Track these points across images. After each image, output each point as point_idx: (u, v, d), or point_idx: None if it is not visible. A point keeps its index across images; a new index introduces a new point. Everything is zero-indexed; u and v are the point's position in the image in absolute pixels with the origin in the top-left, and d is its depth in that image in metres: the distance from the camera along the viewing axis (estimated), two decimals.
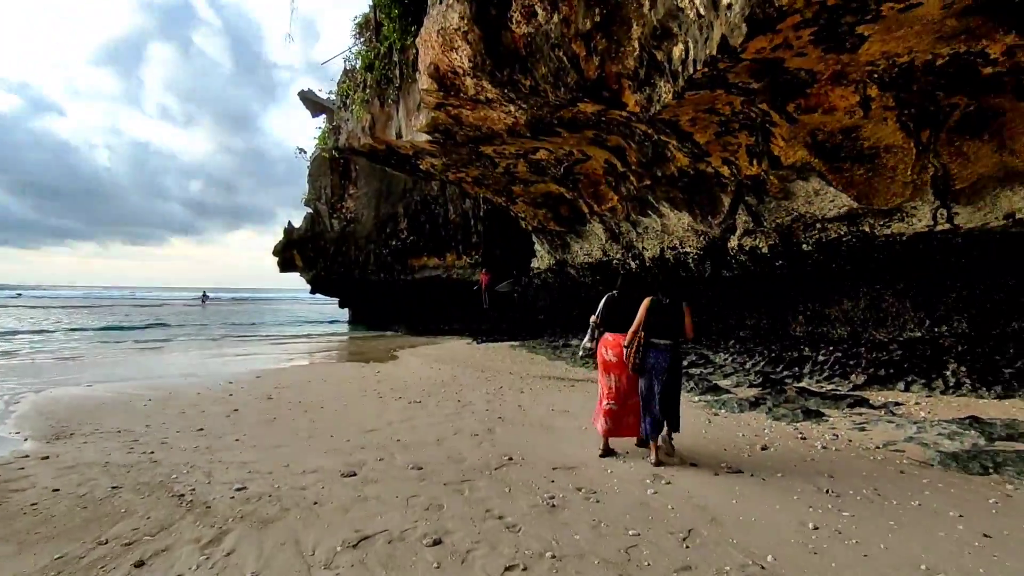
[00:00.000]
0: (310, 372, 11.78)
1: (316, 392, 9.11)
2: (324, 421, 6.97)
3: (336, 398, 8.58)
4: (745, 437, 6.10)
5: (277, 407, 7.83)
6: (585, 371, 11.96)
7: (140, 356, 14.95)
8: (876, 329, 10.23)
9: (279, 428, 6.62)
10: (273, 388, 9.45)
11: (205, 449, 5.56)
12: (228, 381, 10.13)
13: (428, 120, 12.36)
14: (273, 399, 8.45)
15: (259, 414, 7.35)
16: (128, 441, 5.92)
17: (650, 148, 10.47)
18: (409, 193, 25.77)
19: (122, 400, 8.28)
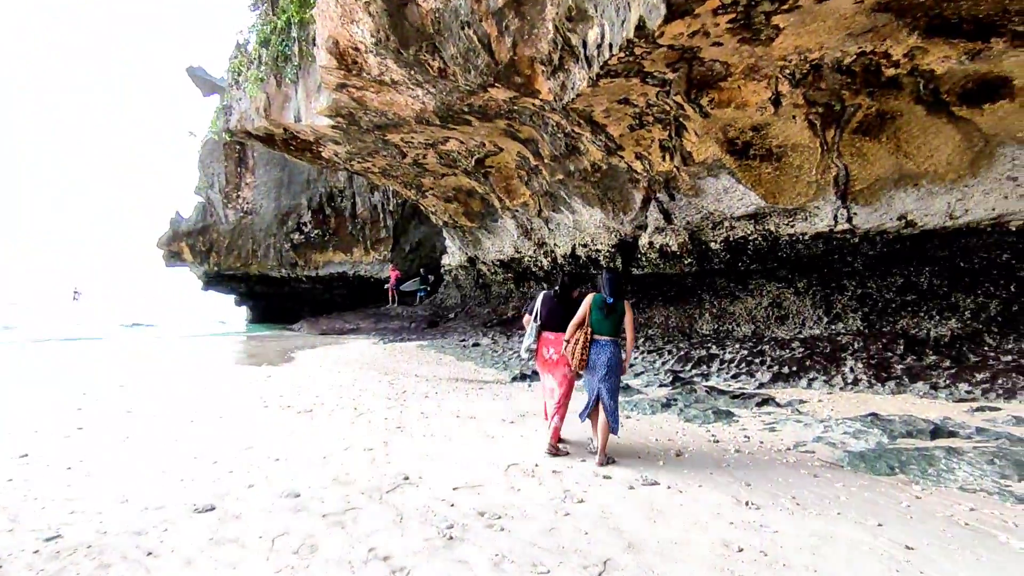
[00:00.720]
0: (186, 378, 10.46)
1: (189, 403, 7.97)
2: (191, 439, 5.97)
3: (212, 410, 7.52)
4: (659, 442, 5.81)
5: (134, 423, 6.70)
6: (495, 371, 11.47)
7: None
8: (778, 327, 10.46)
9: (130, 450, 5.57)
10: (135, 399, 8.20)
11: (22, 482, 4.48)
12: (82, 392, 8.71)
13: (329, 102, 11.38)
14: (133, 413, 7.26)
15: (109, 433, 6.21)
16: None
17: (563, 141, 10.11)
18: (313, 184, 24.22)
19: None
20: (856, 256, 8.80)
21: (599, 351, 5.07)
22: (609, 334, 5.11)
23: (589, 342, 5.08)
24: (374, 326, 21.80)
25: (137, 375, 10.79)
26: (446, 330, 19.46)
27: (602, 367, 5.04)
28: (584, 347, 5.06)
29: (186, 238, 24.39)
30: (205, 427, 6.51)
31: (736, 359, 9.36)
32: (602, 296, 5.13)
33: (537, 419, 6.87)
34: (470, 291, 22.32)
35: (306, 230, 24.70)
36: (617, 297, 5.13)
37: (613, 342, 5.11)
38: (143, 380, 10.11)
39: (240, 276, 25.65)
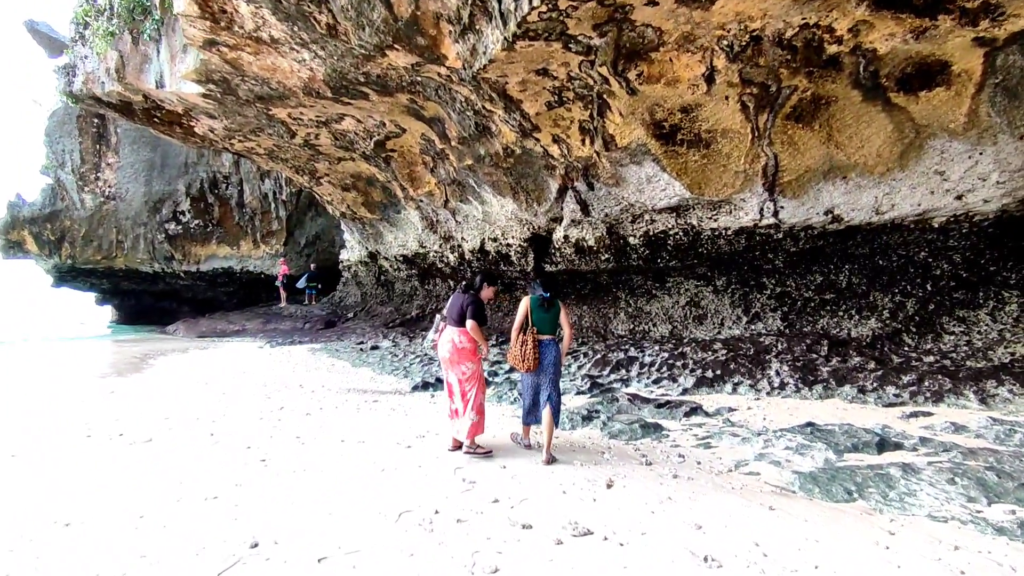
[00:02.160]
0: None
1: None
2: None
3: (10, 443, 5.74)
4: (584, 467, 4.89)
5: None
6: (394, 379, 10.18)
7: None
8: (697, 327, 9.99)
9: None
10: None
11: None
12: None
13: (197, 64, 9.58)
14: None
15: None
16: None
17: (473, 120, 9.04)
18: (193, 167, 21.50)
19: None
20: (778, 253, 8.42)
21: (544, 351, 5.13)
22: (550, 332, 5.19)
23: (536, 343, 5.08)
24: (263, 327, 19.65)
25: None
26: (343, 331, 17.79)
27: (549, 366, 5.14)
28: (535, 348, 5.06)
29: (30, 225, 20.72)
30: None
31: (657, 362, 8.71)
32: (539, 296, 5.14)
33: (439, 440, 5.76)
34: (371, 289, 20.71)
35: (184, 220, 21.91)
36: (554, 294, 5.20)
37: (553, 340, 5.21)
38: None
39: (102, 271, 22.29)
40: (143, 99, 11.80)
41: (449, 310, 5.36)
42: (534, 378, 5.19)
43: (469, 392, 5.25)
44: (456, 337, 5.22)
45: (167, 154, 20.92)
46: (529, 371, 5.14)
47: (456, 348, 5.22)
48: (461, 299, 5.28)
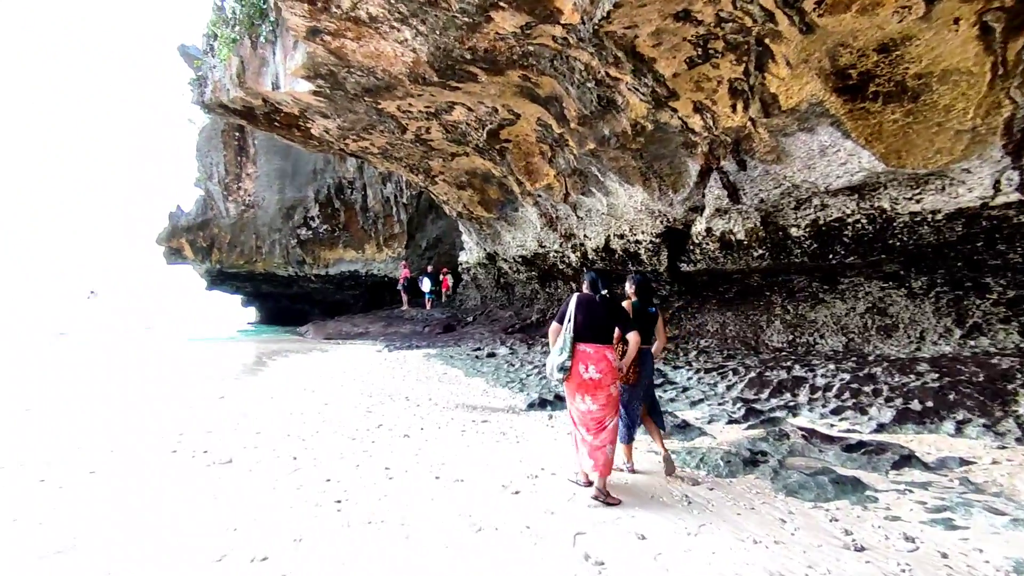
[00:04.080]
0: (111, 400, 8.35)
1: (75, 444, 5.85)
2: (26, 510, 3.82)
3: (91, 459, 5.36)
4: (760, 545, 3.40)
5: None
6: (508, 393, 9.11)
7: None
8: (882, 341, 7.84)
9: None
10: None
11: None
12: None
13: (304, 58, 9.20)
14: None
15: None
16: None
17: (595, 93, 7.70)
18: (320, 174, 22.24)
19: None
20: (1014, 243, 6.17)
21: (645, 362, 4.78)
22: (649, 343, 4.88)
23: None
24: (383, 330, 19.69)
25: (48, 395, 8.75)
26: (461, 336, 17.19)
27: (646, 378, 4.83)
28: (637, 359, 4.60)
29: (186, 234, 22.65)
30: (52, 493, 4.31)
31: (834, 386, 6.78)
32: (638, 303, 4.86)
33: (555, 484, 4.52)
34: (490, 292, 20.02)
35: (314, 225, 22.74)
36: (651, 302, 4.97)
37: (650, 350, 4.90)
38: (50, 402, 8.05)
39: (245, 275, 23.84)
40: (263, 103, 11.84)
41: (585, 323, 4.34)
42: (633, 392, 4.73)
43: (609, 421, 4.34)
44: (608, 354, 4.32)
45: (297, 162, 21.78)
46: (631, 384, 4.65)
47: (610, 368, 4.30)
48: (598, 307, 4.39)
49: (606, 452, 4.25)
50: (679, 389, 8.14)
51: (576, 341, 4.31)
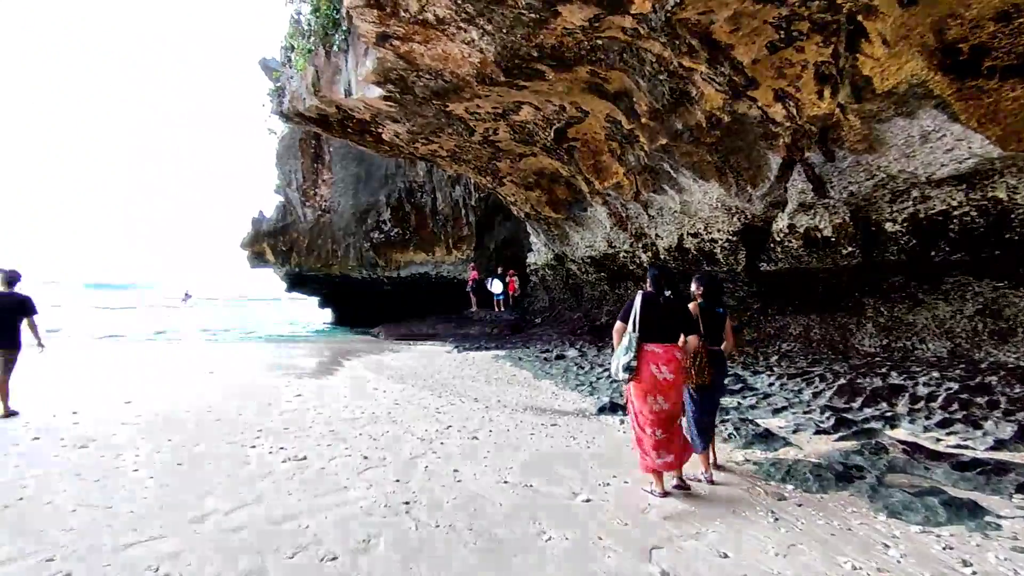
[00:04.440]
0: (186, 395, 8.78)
1: (168, 433, 6.16)
2: (88, 511, 4.03)
3: (172, 450, 5.61)
4: (859, 573, 3.06)
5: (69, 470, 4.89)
6: (577, 396, 8.90)
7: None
8: (996, 347, 7.07)
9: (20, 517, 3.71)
10: (119, 423, 6.52)
11: None
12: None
13: (375, 64, 9.38)
14: (89, 448, 5.50)
15: None
16: None
17: (666, 86, 7.39)
18: (392, 179, 22.80)
19: None
20: None
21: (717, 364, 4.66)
22: (718, 344, 4.73)
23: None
24: (454, 331, 19.89)
25: (120, 383, 9.30)
26: (530, 337, 17.10)
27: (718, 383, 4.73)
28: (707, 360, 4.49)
29: (267, 238, 23.84)
30: (133, 484, 4.50)
31: (939, 395, 6.14)
32: (705, 303, 4.71)
33: (628, 492, 4.32)
34: (559, 293, 19.82)
35: (386, 228, 23.33)
36: (719, 303, 4.82)
37: (720, 352, 4.75)
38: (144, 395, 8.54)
39: (321, 277, 24.79)
40: (336, 110, 12.21)
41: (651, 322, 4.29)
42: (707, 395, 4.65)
43: (679, 418, 4.43)
44: (677, 354, 4.29)
45: (371, 168, 22.43)
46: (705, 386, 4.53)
47: (680, 367, 4.30)
48: (663, 306, 4.33)
49: (680, 443, 4.31)
50: (759, 395, 7.66)
51: (642, 341, 4.23)
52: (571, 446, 5.88)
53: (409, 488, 4.50)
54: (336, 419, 7.02)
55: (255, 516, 3.92)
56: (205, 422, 6.80)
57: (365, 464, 5.17)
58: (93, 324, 25.56)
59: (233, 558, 3.31)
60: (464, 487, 4.55)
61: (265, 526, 3.76)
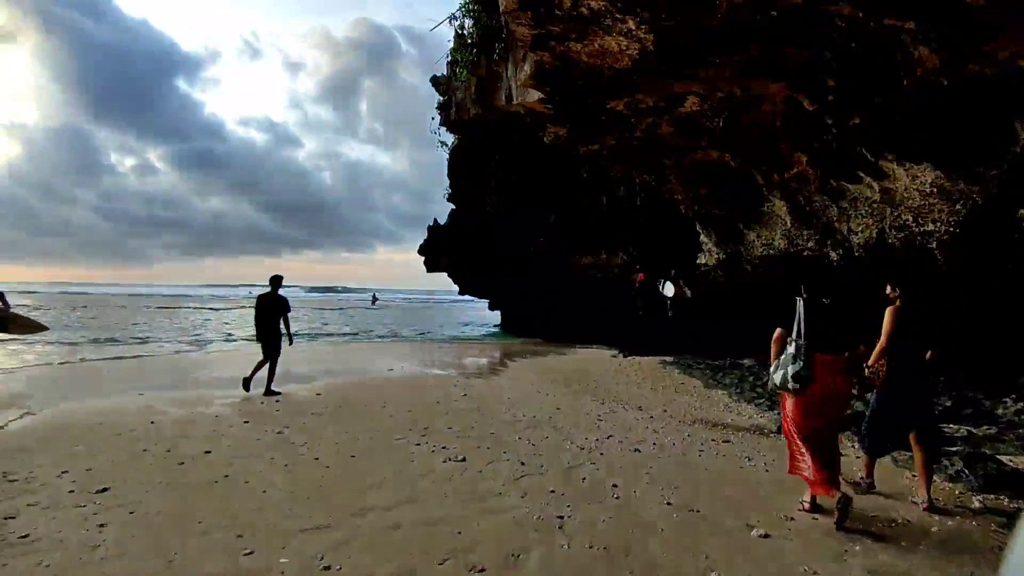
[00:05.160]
0: (366, 389, 9.46)
1: (338, 427, 6.67)
2: (270, 493, 4.41)
3: (348, 441, 6.03)
4: None
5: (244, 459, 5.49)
6: (753, 410, 8.03)
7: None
8: None
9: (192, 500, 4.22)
10: (275, 412, 7.24)
11: None
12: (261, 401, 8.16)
13: (532, 67, 9.42)
14: (264, 439, 6.16)
15: (207, 469, 5.03)
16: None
17: (861, 54, 6.33)
18: (556, 183, 22.93)
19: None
20: None
21: (911, 373, 4.32)
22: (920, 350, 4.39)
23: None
24: (619, 335, 19.44)
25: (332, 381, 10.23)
26: (699, 345, 16.06)
27: (910, 390, 4.32)
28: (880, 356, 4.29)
29: (442, 244, 25.42)
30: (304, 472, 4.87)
31: None
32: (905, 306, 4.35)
33: (820, 527, 3.68)
34: (731, 297, 18.35)
35: (551, 233, 23.54)
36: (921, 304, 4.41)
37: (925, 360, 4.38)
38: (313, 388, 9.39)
39: (490, 281, 25.82)
40: (498, 118, 12.54)
41: (820, 330, 3.97)
42: (884, 396, 4.40)
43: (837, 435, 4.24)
44: (843, 365, 4.00)
45: (534, 173, 22.79)
46: (877, 386, 4.38)
47: (847, 379, 4.04)
48: (829, 313, 4.01)
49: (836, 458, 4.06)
50: (1003, 424, 6.22)
51: (812, 351, 3.93)
52: (746, 468, 5.26)
53: (564, 501, 4.30)
54: (497, 421, 7.09)
55: (412, 516, 4.01)
56: (380, 417, 7.29)
57: (522, 471, 5.08)
58: (312, 323, 29.39)
59: (386, 557, 3.38)
60: (623, 505, 4.23)
61: (419, 527, 3.81)
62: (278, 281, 8.90)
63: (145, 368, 12.16)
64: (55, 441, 5.92)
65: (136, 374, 11.14)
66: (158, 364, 12.91)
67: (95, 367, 12.15)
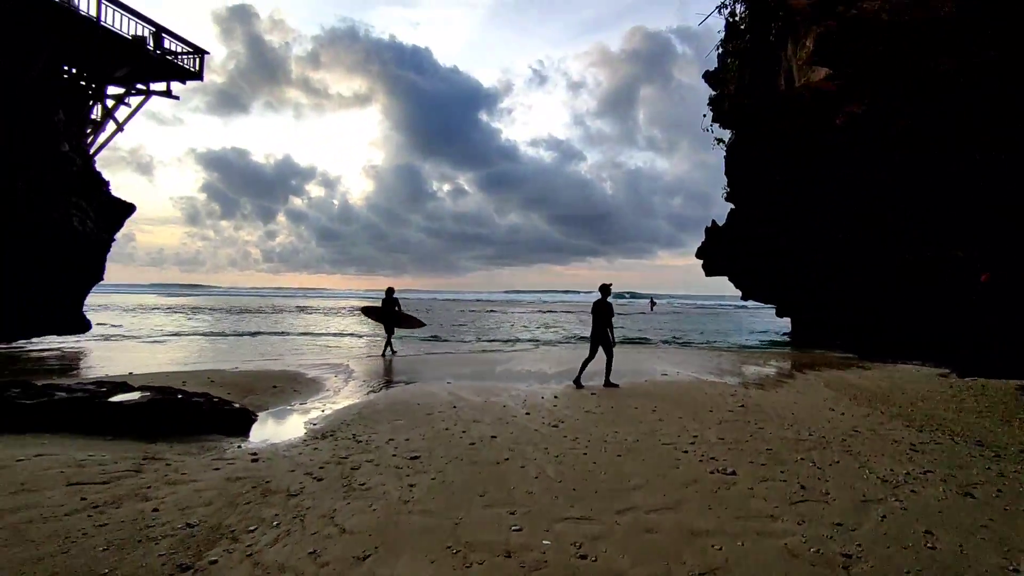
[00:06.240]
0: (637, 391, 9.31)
1: (607, 426, 6.71)
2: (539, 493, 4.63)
3: (616, 441, 6.02)
4: None
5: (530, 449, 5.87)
6: None
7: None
8: None
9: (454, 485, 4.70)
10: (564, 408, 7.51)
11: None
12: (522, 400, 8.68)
13: (816, 41, 8.32)
14: (560, 429, 6.50)
15: (493, 451, 5.57)
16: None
17: None
18: (848, 175, 19.66)
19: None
20: None
21: None
22: None
23: None
24: (957, 349, 15.66)
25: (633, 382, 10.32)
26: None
27: None
28: None
29: (722, 246, 23.80)
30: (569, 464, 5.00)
31: None
32: None
33: None
34: None
35: (854, 229, 20.25)
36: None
37: None
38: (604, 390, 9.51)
39: (776, 285, 23.35)
40: (777, 105, 11.32)
41: None
42: None
43: None
44: None
45: (822, 164, 19.91)
46: None
47: None
48: None
49: None
50: None
51: None
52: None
53: (853, 538, 3.61)
54: (776, 437, 6.37)
55: (671, 522, 3.83)
56: (649, 420, 7.21)
57: (801, 495, 4.44)
58: None
59: (640, 558, 3.28)
60: (940, 561, 3.36)
61: (677, 535, 3.62)
62: (607, 289, 9.91)
63: (456, 360, 14.66)
64: (387, 413, 7.49)
65: (449, 364, 13.62)
66: (466, 358, 15.32)
67: (426, 359, 15.02)
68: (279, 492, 4.35)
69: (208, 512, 3.87)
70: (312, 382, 10.54)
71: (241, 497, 4.21)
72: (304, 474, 4.83)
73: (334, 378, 11.13)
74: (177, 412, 6.21)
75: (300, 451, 5.66)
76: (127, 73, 17.08)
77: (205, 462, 5.16)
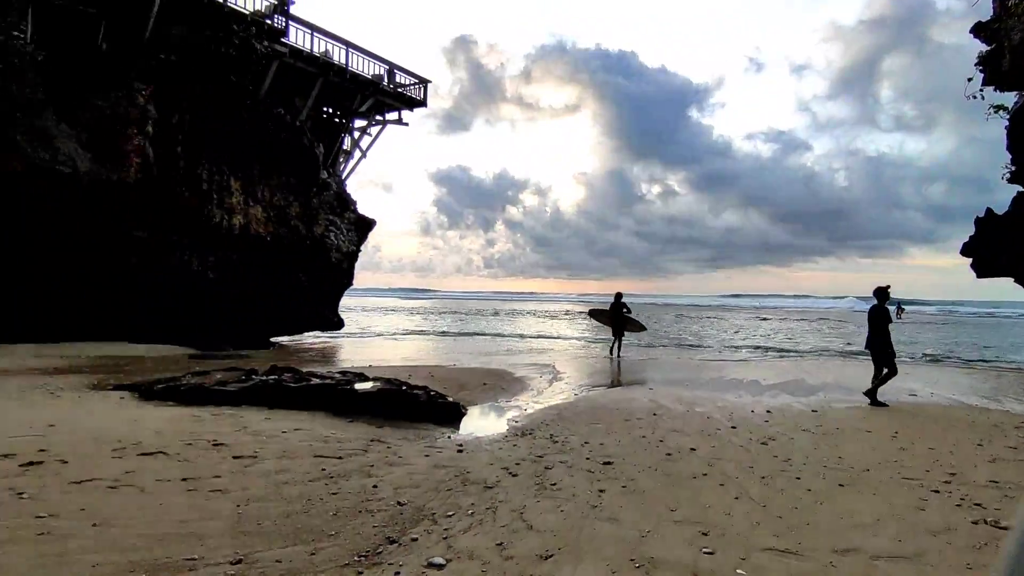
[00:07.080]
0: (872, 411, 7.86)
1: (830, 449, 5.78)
2: None
3: (839, 467, 5.15)
4: None
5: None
6: None
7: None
8: None
9: None
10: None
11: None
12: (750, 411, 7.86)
13: None
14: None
15: (689, 464, 5.16)
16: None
17: None
18: None
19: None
20: None
21: None
22: None
23: None
24: None
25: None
26: None
27: None
28: None
29: (1002, 239, 19.09)
30: None
31: None
32: None
33: None
34: None
35: None
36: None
37: None
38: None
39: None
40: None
41: None
42: None
43: None
44: None
45: None
46: None
47: None
48: None
49: None
50: None
51: None
52: None
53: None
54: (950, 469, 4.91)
55: (907, 574, 3.17)
56: (883, 447, 6.10)
57: None
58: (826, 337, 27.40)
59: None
60: None
61: None
62: (882, 292, 8.98)
63: (663, 365, 14.47)
64: (585, 416, 7.55)
65: (657, 369, 13.58)
66: (675, 363, 15.00)
67: (632, 362, 15.01)
68: (477, 483, 4.62)
69: (416, 494, 4.27)
70: (518, 381, 11.08)
71: (444, 484, 4.56)
72: (501, 468, 5.06)
73: (539, 378, 11.57)
74: (401, 402, 7.02)
75: (500, 446, 5.97)
76: (368, 107, 20.06)
77: (419, 448, 5.72)
